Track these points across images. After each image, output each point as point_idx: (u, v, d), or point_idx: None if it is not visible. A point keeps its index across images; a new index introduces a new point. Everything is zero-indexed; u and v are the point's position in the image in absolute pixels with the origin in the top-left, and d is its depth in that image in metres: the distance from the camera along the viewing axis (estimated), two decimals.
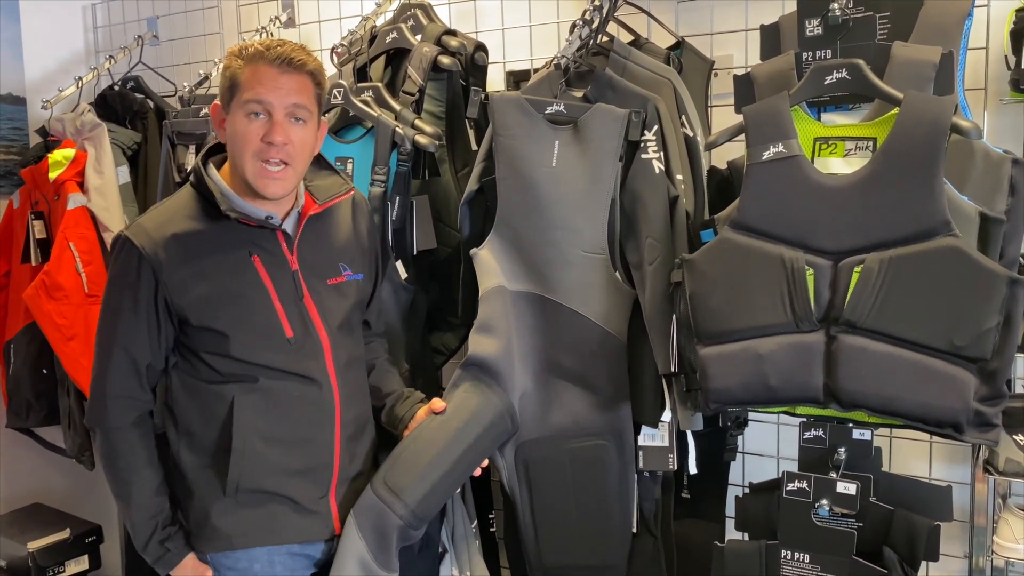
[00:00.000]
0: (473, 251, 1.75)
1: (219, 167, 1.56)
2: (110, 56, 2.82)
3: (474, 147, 2.08)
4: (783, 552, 1.51)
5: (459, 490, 1.98)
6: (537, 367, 1.73)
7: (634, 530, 1.76)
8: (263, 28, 2.53)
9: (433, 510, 1.66)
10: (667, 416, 1.66)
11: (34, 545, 2.59)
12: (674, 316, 1.56)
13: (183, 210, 1.53)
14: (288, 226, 1.56)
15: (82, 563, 2.69)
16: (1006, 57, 1.72)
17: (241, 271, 1.50)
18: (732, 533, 1.75)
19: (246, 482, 1.51)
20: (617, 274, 1.68)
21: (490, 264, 1.72)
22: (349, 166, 1.98)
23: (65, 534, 2.66)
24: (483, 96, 1.80)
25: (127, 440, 1.53)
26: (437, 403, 1.67)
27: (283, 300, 1.53)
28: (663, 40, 2.03)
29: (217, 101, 1.51)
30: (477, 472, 1.69)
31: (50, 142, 2.71)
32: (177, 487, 1.57)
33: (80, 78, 2.78)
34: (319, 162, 1.66)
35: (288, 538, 1.55)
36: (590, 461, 1.71)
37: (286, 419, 1.53)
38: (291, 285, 1.54)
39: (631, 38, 2.02)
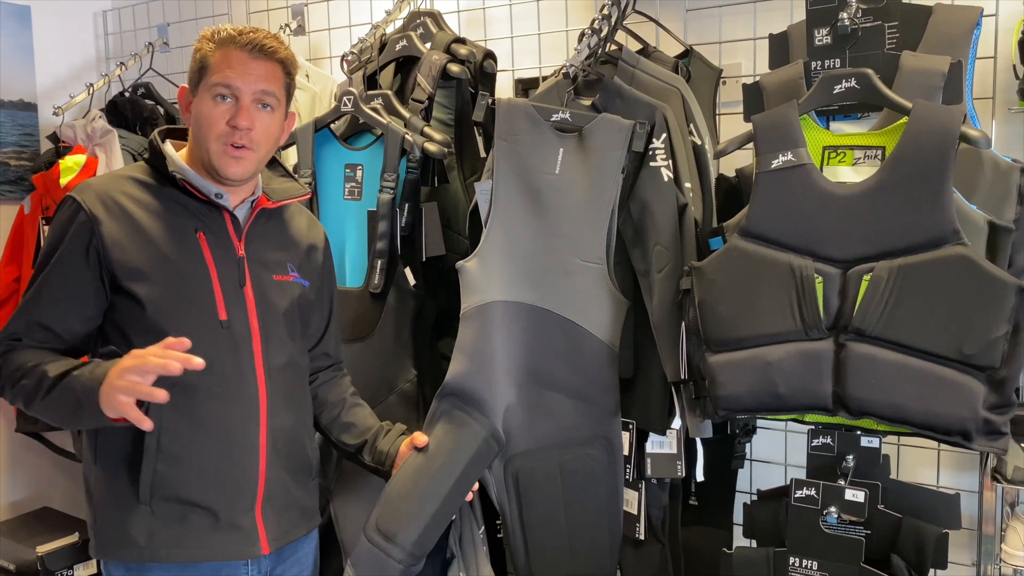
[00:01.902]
0: (459, 264, 1.71)
1: (177, 151, 1.52)
2: (121, 63, 2.84)
3: (483, 154, 2.09)
4: (791, 559, 1.52)
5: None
6: (525, 379, 1.70)
7: (641, 537, 1.76)
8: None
9: (431, 544, 1.63)
10: (676, 424, 1.66)
11: (43, 549, 2.59)
12: (683, 323, 1.57)
13: (132, 176, 1.48)
14: (239, 213, 1.51)
15: (90, 567, 2.69)
16: (1014, 67, 1.72)
17: (183, 244, 1.44)
18: (740, 540, 1.75)
19: (161, 487, 1.39)
20: (614, 284, 1.67)
21: (475, 279, 1.69)
22: (359, 173, 1.99)
23: (74, 538, 2.66)
24: (490, 100, 1.81)
25: (23, 352, 1.39)
26: (419, 438, 1.61)
27: (223, 282, 1.45)
28: (671, 49, 2.04)
29: (185, 84, 1.48)
30: (469, 497, 1.67)
31: (61, 148, 2.72)
32: (89, 492, 1.46)
33: (91, 84, 2.81)
34: (277, 168, 1.64)
35: (205, 555, 1.43)
36: (581, 471, 1.69)
37: (206, 415, 1.42)
38: (235, 271, 1.47)
39: (640, 47, 2.03)
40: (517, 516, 1.73)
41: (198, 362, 1.25)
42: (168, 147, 1.49)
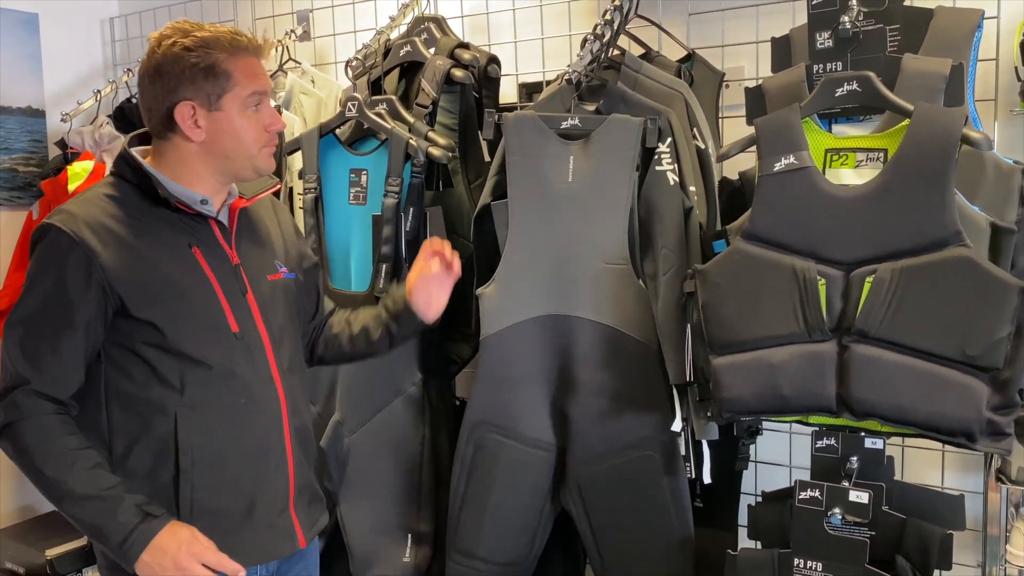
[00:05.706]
0: (479, 291, 1.77)
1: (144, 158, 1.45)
2: (128, 69, 2.85)
3: (487, 159, 2.10)
4: (796, 561, 1.52)
5: None
6: (568, 389, 1.72)
7: None
8: (279, 42, 2.56)
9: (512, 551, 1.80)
10: (677, 426, 1.66)
11: (52, 552, 2.60)
12: (687, 326, 1.57)
13: (111, 197, 1.39)
14: (222, 219, 1.48)
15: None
16: (1016, 68, 1.73)
17: (182, 262, 1.40)
18: (745, 542, 1.75)
19: (201, 504, 1.38)
20: (640, 282, 1.68)
21: (493, 305, 1.74)
22: (363, 178, 2.00)
23: (83, 541, 2.66)
24: (496, 117, 1.81)
25: (47, 427, 1.33)
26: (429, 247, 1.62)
27: (227, 294, 1.43)
28: (674, 53, 2.05)
29: (189, 99, 1.36)
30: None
31: (69, 154, 2.74)
32: None
33: (98, 91, 2.82)
34: None
35: (255, 559, 1.43)
36: (636, 474, 1.70)
37: (237, 428, 1.42)
38: (234, 280, 1.45)
39: (642, 51, 2.04)
40: (586, 522, 1.76)
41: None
42: (147, 163, 1.42)
